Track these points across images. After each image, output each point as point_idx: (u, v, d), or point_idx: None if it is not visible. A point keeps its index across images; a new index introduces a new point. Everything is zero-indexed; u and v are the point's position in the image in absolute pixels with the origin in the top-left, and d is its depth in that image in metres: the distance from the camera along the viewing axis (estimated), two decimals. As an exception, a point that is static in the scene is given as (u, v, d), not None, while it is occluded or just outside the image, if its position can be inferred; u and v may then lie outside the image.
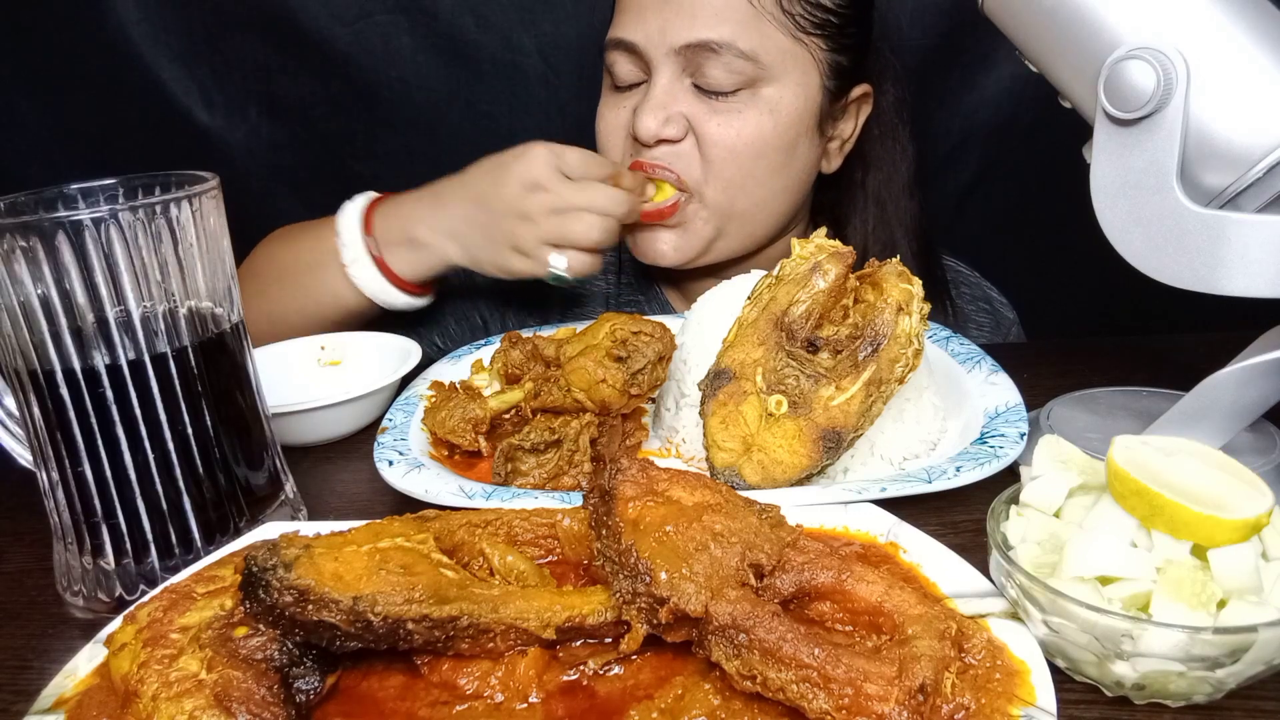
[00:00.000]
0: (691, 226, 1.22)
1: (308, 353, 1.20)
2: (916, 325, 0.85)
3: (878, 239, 1.31)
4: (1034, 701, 0.57)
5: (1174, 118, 0.75)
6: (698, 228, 1.22)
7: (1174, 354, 1.14)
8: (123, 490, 0.72)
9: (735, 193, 1.19)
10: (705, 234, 1.23)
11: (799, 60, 1.15)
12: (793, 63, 1.15)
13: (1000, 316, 1.46)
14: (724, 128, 1.15)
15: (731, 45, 1.11)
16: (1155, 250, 0.79)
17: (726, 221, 1.22)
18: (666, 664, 0.63)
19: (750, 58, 1.12)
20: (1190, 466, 0.63)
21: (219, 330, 0.75)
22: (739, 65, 1.12)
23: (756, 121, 1.15)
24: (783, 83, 1.15)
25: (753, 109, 1.15)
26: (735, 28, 1.11)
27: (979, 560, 0.69)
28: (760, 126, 1.15)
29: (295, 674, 0.60)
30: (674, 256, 1.24)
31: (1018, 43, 0.85)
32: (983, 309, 1.45)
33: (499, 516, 0.75)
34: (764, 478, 0.85)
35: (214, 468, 0.75)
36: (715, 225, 1.22)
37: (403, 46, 1.61)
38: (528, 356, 1.01)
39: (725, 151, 1.16)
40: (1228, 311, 0.81)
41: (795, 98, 1.16)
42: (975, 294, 1.46)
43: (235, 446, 0.77)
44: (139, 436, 0.70)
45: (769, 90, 1.15)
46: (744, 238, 1.26)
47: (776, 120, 1.16)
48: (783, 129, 1.17)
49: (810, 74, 1.17)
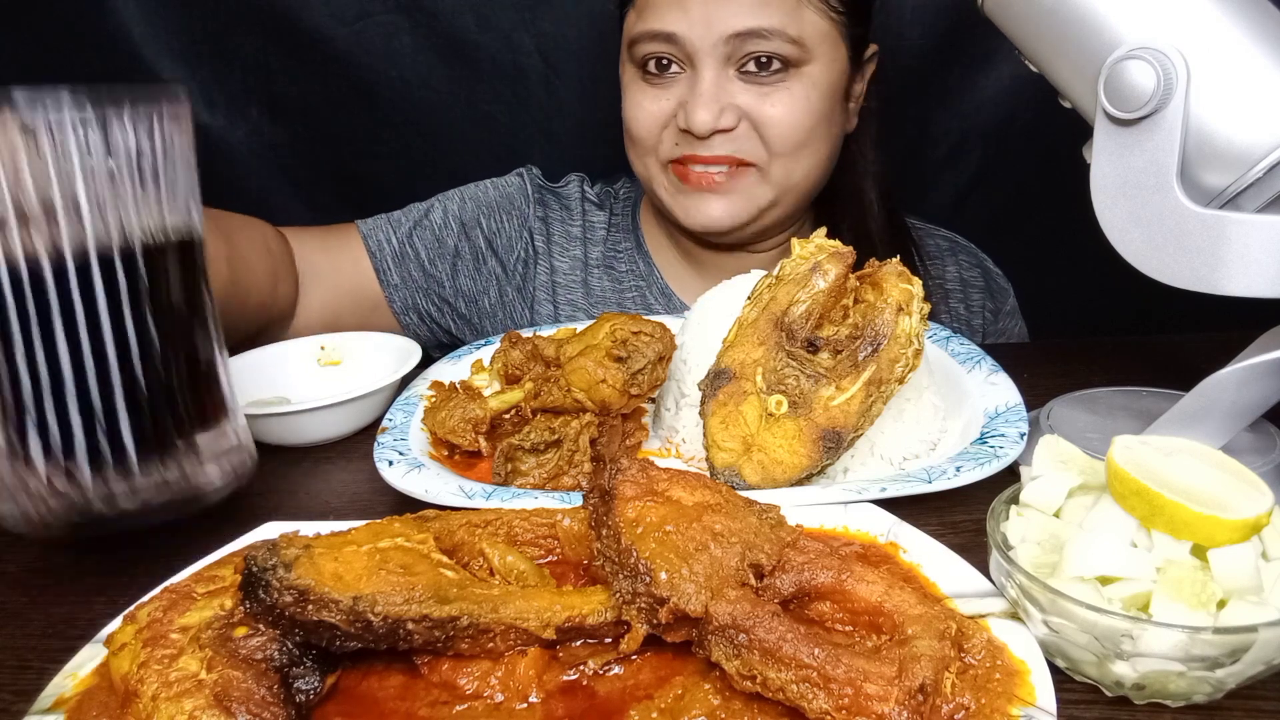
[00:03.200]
0: (749, 194, 1.28)
1: (308, 353, 1.20)
2: (916, 325, 0.85)
3: (845, 185, 1.38)
4: (1034, 701, 0.57)
5: (1174, 118, 0.75)
6: (755, 195, 1.28)
7: (1174, 354, 1.14)
8: (56, 389, 0.69)
9: (794, 167, 1.26)
10: (761, 202, 1.29)
11: (831, 37, 1.23)
12: (829, 41, 1.23)
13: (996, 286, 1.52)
14: (776, 108, 1.21)
15: (781, 32, 1.17)
16: (1155, 250, 0.79)
17: (784, 193, 1.29)
18: (666, 664, 0.63)
19: (797, 42, 1.19)
20: (1190, 466, 0.63)
21: (174, 242, 0.73)
22: (786, 50, 1.19)
23: (805, 98, 1.22)
24: (820, 60, 1.22)
25: (799, 86, 1.22)
26: (781, 15, 1.18)
27: (979, 560, 0.69)
28: (809, 102, 1.22)
29: (295, 674, 0.60)
30: (727, 221, 1.29)
31: (1018, 43, 0.85)
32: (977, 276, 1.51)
33: (499, 516, 0.75)
34: (764, 478, 0.85)
35: (154, 376, 0.72)
36: (772, 196, 1.29)
37: (403, 46, 1.61)
38: (528, 356, 1.01)
39: (784, 130, 1.22)
40: (1228, 311, 0.81)
41: (830, 72, 1.24)
42: (973, 261, 1.52)
43: (178, 361, 0.75)
44: (77, 336, 0.69)
45: (810, 68, 1.22)
46: (794, 205, 1.33)
47: (821, 94, 1.23)
48: (824, 102, 1.24)
49: (840, 49, 1.25)
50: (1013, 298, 1.53)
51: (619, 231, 1.47)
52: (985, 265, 1.53)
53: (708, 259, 1.43)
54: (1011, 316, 1.52)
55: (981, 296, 1.50)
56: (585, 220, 1.47)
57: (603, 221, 1.48)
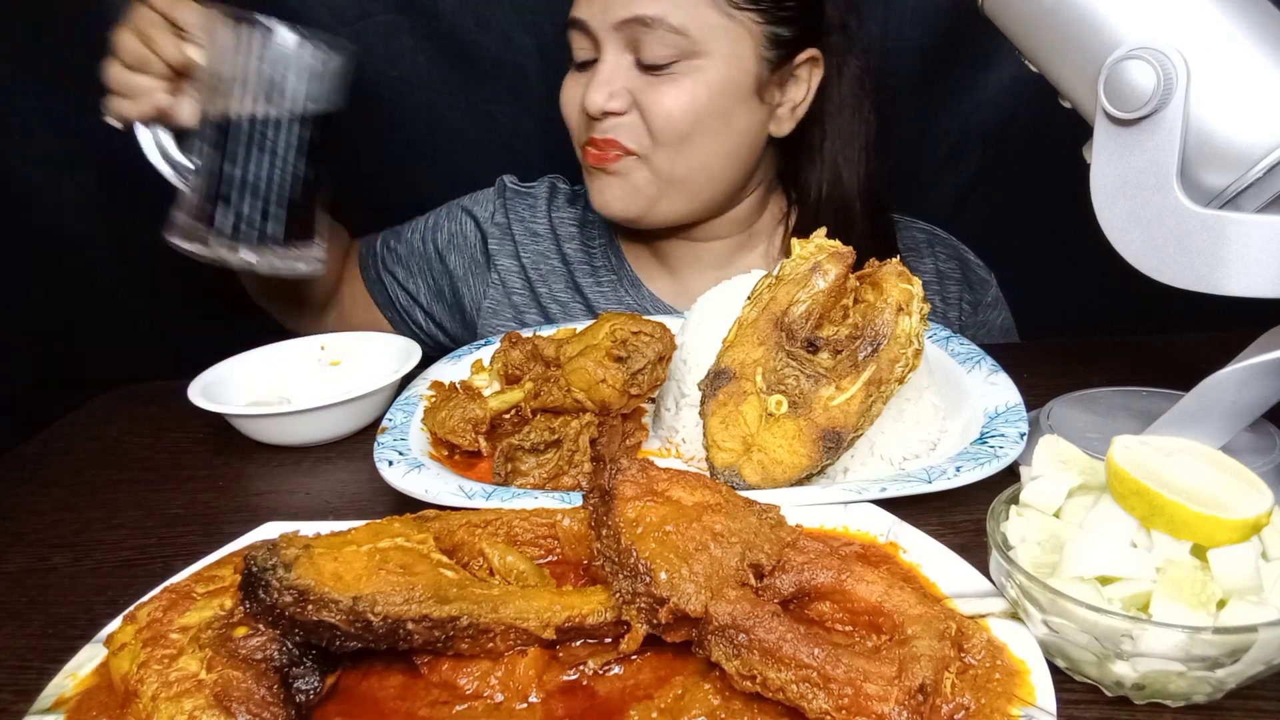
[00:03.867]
0: (636, 184, 1.30)
1: (308, 353, 1.21)
2: (916, 325, 0.85)
3: (832, 200, 1.37)
4: (1034, 701, 0.57)
5: (1174, 118, 0.75)
6: (641, 186, 1.30)
7: (1174, 354, 1.14)
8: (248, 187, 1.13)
9: (676, 158, 1.27)
10: (649, 193, 1.30)
11: (730, 33, 1.22)
12: (724, 36, 1.22)
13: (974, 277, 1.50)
14: (662, 99, 1.23)
15: (663, 20, 1.19)
16: (1155, 250, 0.79)
17: (668, 185, 1.29)
18: (666, 664, 0.63)
19: (681, 32, 1.19)
20: (1190, 466, 0.63)
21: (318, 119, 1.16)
22: (672, 39, 1.20)
23: (691, 91, 1.22)
24: (715, 55, 1.22)
25: (688, 80, 1.22)
26: (668, 4, 1.19)
27: (979, 560, 0.69)
28: (695, 96, 1.23)
29: (295, 674, 0.60)
30: (618, 208, 1.32)
31: (1018, 43, 0.85)
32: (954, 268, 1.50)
33: (499, 516, 0.75)
34: (764, 478, 0.85)
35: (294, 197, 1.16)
36: (658, 187, 1.30)
37: (403, 46, 1.61)
38: (528, 356, 1.01)
39: (664, 121, 1.23)
40: (1228, 311, 0.81)
41: (728, 68, 1.23)
42: (950, 253, 1.51)
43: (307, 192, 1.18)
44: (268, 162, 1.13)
45: (702, 62, 1.22)
46: (690, 200, 1.33)
47: (710, 90, 1.23)
48: (717, 98, 1.24)
49: (742, 45, 1.24)
50: (995, 288, 1.52)
51: (594, 227, 1.49)
52: (963, 256, 1.51)
53: (666, 249, 1.45)
54: (993, 307, 1.51)
55: (959, 289, 1.48)
56: (554, 217, 1.50)
57: (574, 218, 1.50)
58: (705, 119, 1.24)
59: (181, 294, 1.80)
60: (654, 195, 1.30)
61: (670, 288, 1.45)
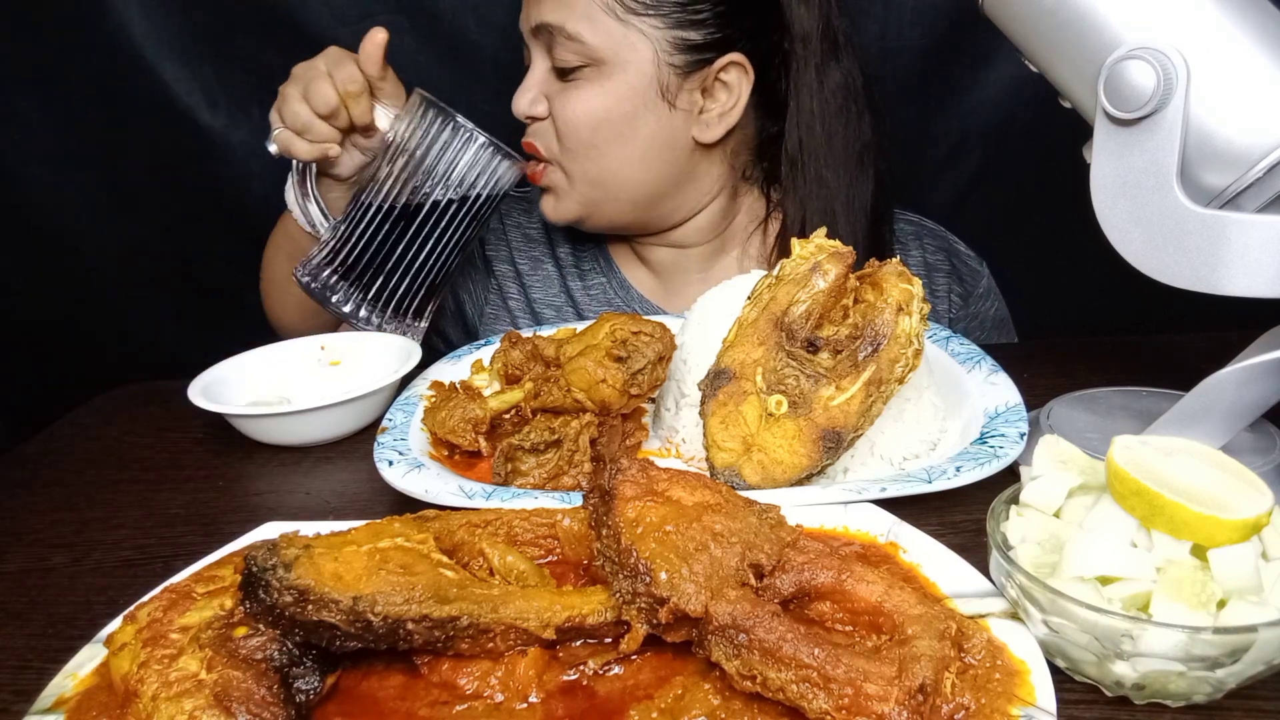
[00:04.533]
0: (561, 190, 1.33)
1: (308, 353, 1.20)
2: (916, 325, 0.85)
3: (816, 212, 1.34)
4: (1034, 701, 0.57)
5: (1174, 118, 0.75)
6: (565, 191, 1.33)
7: (1174, 354, 1.14)
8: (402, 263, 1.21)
9: (586, 164, 1.29)
10: (575, 197, 1.33)
11: (628, 39, 1.23)
12: (622, 42, 1.23)
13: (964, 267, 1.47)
14: (567, 105, 1.26)
15: (562, 28, 1.22)
16: (1155, 250, 0.79)
17: (587, 187, 1.32)
18: (666, 664, 0.63)
19: (575, 39, 1.22)
20: (1190, 466, 0.63)
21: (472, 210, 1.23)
22: (574, 46, 1.22)
23: (590, 97, 1.25)
24: (616, 61, 1.24)
25: (591, 86, 1.25)
26: (565, 12, 1.22)
27: (979, 560, 0.69)
28: (592, 102, 1.25)
29: (295, 674, 0.60)
30: (555, 215, 1.37)
31: (1017, 43, 0.85)
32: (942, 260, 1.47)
33: (499, 516, 0.75)
34: (764, 478, 0.85)
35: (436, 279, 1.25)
36: (580, 190, 1.32)
37: (403, 46, 1.61)
38: (528, 356, 1.01)
39: (567, 126, 1.27)
40: (1228, 311, 0.81)
41: (627, 74, 1.24)
42: (938, 245, 1.48)
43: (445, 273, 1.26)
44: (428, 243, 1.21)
45: (606, 68, 1.24)
46: (619, 202, 1.34)
47: (609, 96, 1.25)
48: (617, 104, 1.25)
49: (642, 52, 1.24)
50: (987, 278, 1.48)
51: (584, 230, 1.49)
52: (952, 247, 1.48)
53: (646, 253, 1.45)
54: (985, 299, 1.46)
55: (947, 280, 1.45)
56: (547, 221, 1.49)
57: None
58: (605, 125, 1.26)
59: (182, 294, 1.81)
60: (580, 199, 1.32)
61: (656, 289, 1.46)
